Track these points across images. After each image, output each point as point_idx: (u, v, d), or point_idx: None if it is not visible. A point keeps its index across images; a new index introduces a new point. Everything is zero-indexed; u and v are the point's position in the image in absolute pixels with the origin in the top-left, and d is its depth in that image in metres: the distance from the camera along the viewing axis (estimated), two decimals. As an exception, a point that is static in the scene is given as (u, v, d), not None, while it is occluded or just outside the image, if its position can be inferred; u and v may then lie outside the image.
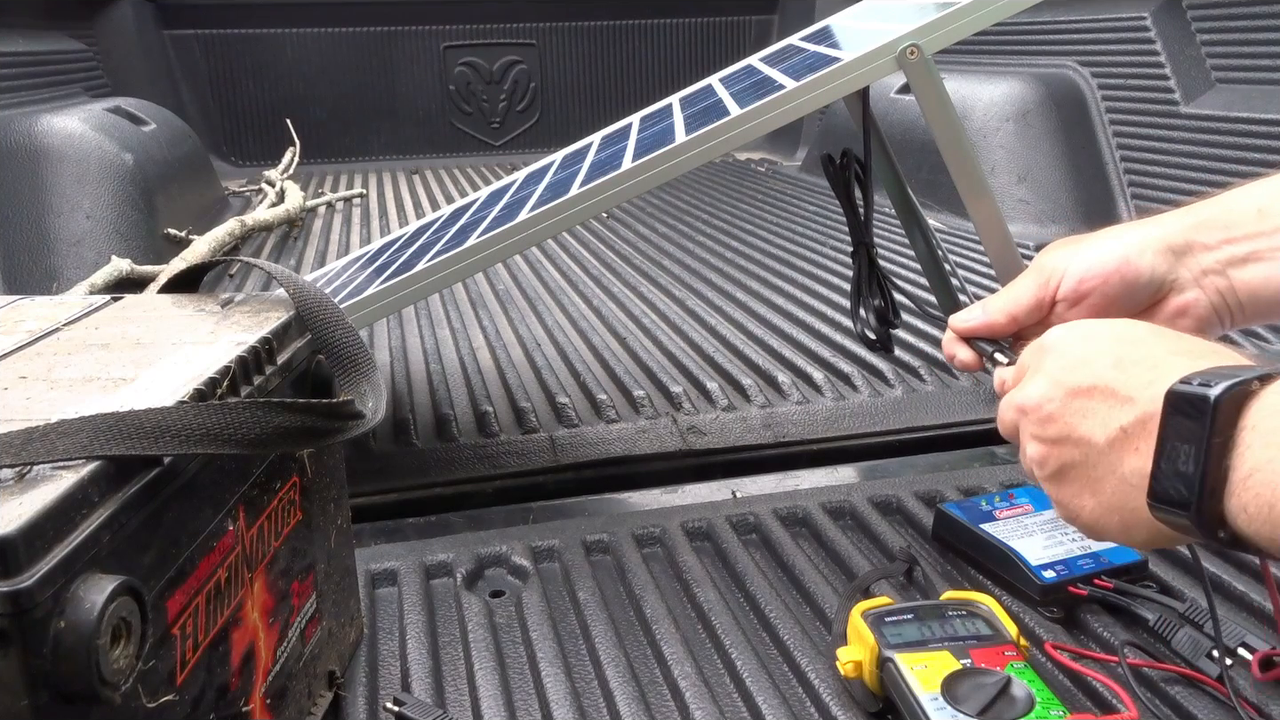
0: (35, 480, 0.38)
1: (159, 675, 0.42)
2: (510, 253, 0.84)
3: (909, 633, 0.61)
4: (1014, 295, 0.65)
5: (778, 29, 3.15)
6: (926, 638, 0.61)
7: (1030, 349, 0.57)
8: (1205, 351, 0.48)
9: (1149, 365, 0.48)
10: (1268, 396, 0.42)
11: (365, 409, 0.54)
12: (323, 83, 2.97)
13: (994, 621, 0.62)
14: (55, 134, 1.72)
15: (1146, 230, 0.62)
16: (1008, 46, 2.21)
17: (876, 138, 0.90)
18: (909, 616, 0.63)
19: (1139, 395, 0.47)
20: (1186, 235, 0.61)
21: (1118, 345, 0.50)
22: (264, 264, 0.66)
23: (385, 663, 0.69)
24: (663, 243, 1.89)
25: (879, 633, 0.61)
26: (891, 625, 0.62)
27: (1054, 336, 0.54)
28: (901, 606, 0.64)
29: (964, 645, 0.60)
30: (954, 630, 0.61)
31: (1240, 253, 0.60)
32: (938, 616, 0.63)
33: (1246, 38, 1.69)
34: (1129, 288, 0.61)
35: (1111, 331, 0.52)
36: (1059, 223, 1.83)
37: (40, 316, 0.61)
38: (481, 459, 1.00)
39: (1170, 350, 0.49)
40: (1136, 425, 0.47)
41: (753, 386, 1.13)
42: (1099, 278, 0.61)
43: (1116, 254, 0.61)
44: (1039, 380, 0.53)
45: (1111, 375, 0.49)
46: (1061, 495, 0.53)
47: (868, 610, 0.63)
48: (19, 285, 1.55)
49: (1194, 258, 0.61)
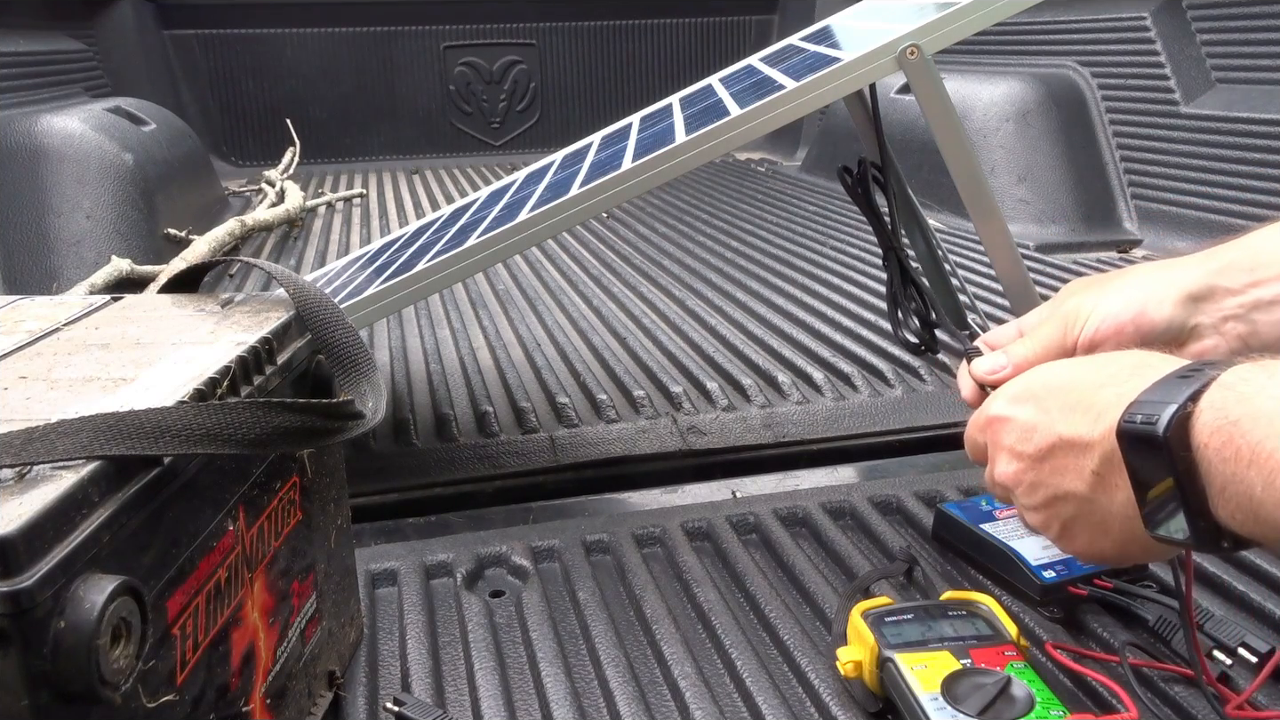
0: (35, 480, 0.38)
1: (159, 675, 0.42)
2: (510, 253, 0.84)
3: (909, 632, 0.61)
4: (1040, 343, 0.64)
5: (778, 29, 3.15)
6: (926, 638, 0.61)
7: (979, 425, 0.60)
8: (1126, 371, 0.51)
9: (1087, 406, 0.51)
10: (1204, 414, 0.45)
11: (365, 409, 0.54)
12: (323, 83, 2.97)
13: (994, 621, 0.63)
14: (55, 134, 1.72)
15: (1168, 276, 0.62)
16: (1008, 46, 2.21)
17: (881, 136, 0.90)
18: (909, 616, 0.63)
19: (1093, 437, 0.51)
20: (1209, 280, 0.61)
21: (1054, 397, 0.54)
22: (264, 264, 0.66)
23: (385, 663, 0.69)
24: (663, 243, 1.89)
25: (879, 633, 0.61)
26: (891, 625, 0.62)
27: (996, 408, 0.58)
28: (901, 606, 0.64)
29: (964, 645, 0.60)
30: (954, 630, 0.62)
31: (1266, 296, 0.59)
32: (938, 616, 0.63)
33: (1246, 38, 1.69)
34: (1143, 338, 0.61)
35: (1041, 385, 0.56)
36: (1059, 223, 1.83)
37: (40, 316, 0.61)
38: (481, 459, 1.00)
39: (1096, 382, 0.52)
40: (1105, 465, 0.50)
41: (753, 386, 1.13)
42: (1113, 329, 0.61)
43: (1135, 305, 0.61)
44: (1003, 458, 0.57)
45: (1062, 427, 0.52)
46: (1078, 547, 0.55)
47: (868, 610, 0.64)
48: (19, 285, 1.55)
49: (1216, 303, 0.60)
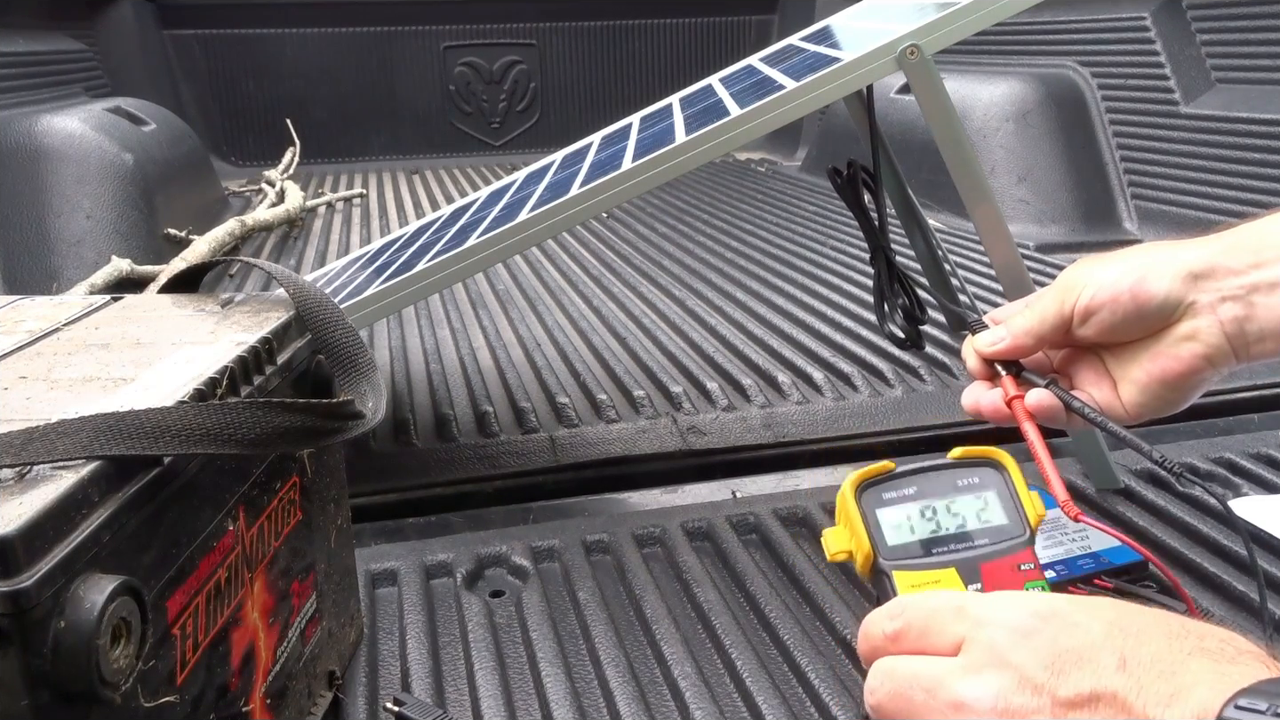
0: (35, 480, 0.38)
1: (159, 675, 0.42)
2: (510, 253, 0.84)
3: (909, 529, 0.53)
4: (1037, 314, 0.63)
5: (778, 29, 3.15)
6: (930, 538, 0.53)
7: (950, 610, 0.42)
8: (1228, 651, 0.38)
9: (1163, 670, 0.37)
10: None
11: (365, 409, 0.54)
12: (323, 83, 2.97)
13: (1010, 500, 0.55)
14: (55, 134, 1.72)
15: (1171, 252, 0.60)
16: (1008, 46, 2.21)
17: (877, 138, 0.90)
18: (910, 491, 0.55)
19: (1163, 717, 0.36)
20: (1212, 259, 0.59)
21: (1116, 635, 0.39)
22: (264, 264, 0.66)
23: (385, 663, 0.69)
24: (663, 243, 1.89)
25: (875, 530, 0.54)
26: (889, 510, 0.54)
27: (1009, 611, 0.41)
28: (903, 474, 0.56)
29: (974, 559, 0.53)
30: (963, 525, 0.54)
31: (1267, 279, 0.58)
32: (945, 492, 0.55)
33: (1246, 38, 1.69)
34: (1139, 309, 0.60)
35: (1101, 613, 0.40)
36: (1059, 223, 1.83)
37: (40, 316, 0.61)
38: (481, 459, 1.00)
39: (1182, 649, 0.38)
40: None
41: (753, 386, 1.13)
42: (1109, 296, 0.60)
43: (1133, 274, 0.59)
44: (1004, 676, 0.39)
45: (1119, 681, 0.37)
46: None
47: (864, 481, 0.55)
48: (19, 285, 1.55)
49: (1216, 281, 0.59)
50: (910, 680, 0.41)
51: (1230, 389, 1.08)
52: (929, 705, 0.40)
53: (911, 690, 0.41)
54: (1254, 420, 1.04)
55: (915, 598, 0.45)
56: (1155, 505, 0.84)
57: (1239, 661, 0.37)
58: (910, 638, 0.43)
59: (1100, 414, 0.61)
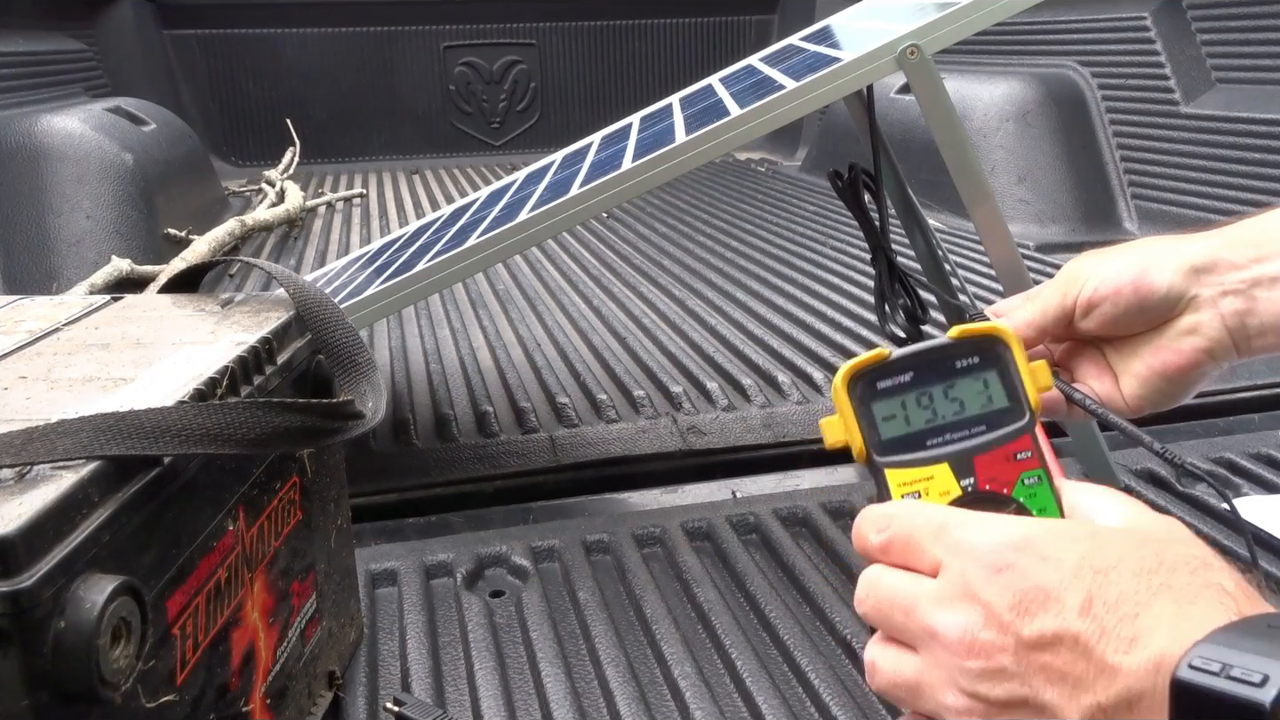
0: (35, 480, 0.38)
1: (159, 675, 0.42)
2: (510, 253, 0.84)
3: (904, 420, 0.51)
4: (1039, 307, 0.63)
5: (778, 29, 3.15)
6: (925, 429, 0.51)
7: (930, 531, 0.43)
8: (1194, 586, 0.38)
9: (1126, 612, 0.37)
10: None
11: (365, 409, 0.54)
12: (323, 83, 2.97)
13: (1013, 379, 0.52)
14: (55, 134, 1.72)
15: (1174, 247, 0.60)
16: (1008, 46, 2.21)
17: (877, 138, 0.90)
18: (906, 379, 0.52)
19: (1121, 664, 0.36)
20: (1213, 253, 0.59)
21: (1085, 573, 0.38)
22: (264, 264, 0.66)
23: (385, 663, 0.69)
24: (663, 243, 1.89)
25: (866, 424, 0.51)
26: (884, 403, 0.51)
27: (983, 540, 0.41)
28: (898, 360, 0.52)
29: (968, 450, 0.50)
30: (960, 413, 0.51)
31: (1269, 273, 0.58)
32: (942, 378, 0.52)
33: (1246, 38, 1.69)
34: (1141, 302, 0.60)
35: (1075, 545, 0.40)
36: (1059, 223, 1.83)
37: (40, 316, 0.61)
38: (481, 459, 1.00)
39: (1149, 586, 0.37)
40: (1120, 708, 0.36)
41: (753, 386, 1.13)
42: (1111, 289, 0.60)
43: (1135, 268, 0.60)
44: (972, 610, 0.40)
45: (1081, 624, 0.37)
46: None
47: (858, 372, 0.52)
48: (19, 285, 1.55)
49: (1218, 276, 0.59)
50: (890, 599, 0.43)
51: (1230, 389, 1.08)
52: (906, 627, 0.42)
53: (891, 609, 0.43)
54: (1254, 420, 1.04)
55: (902, 511, 0.46)
56: (1155, 505, 0.84)
57: (1200, 600, 0.37)
58: (894, 551, 0.45)
59: (1102, 406, 0.61)
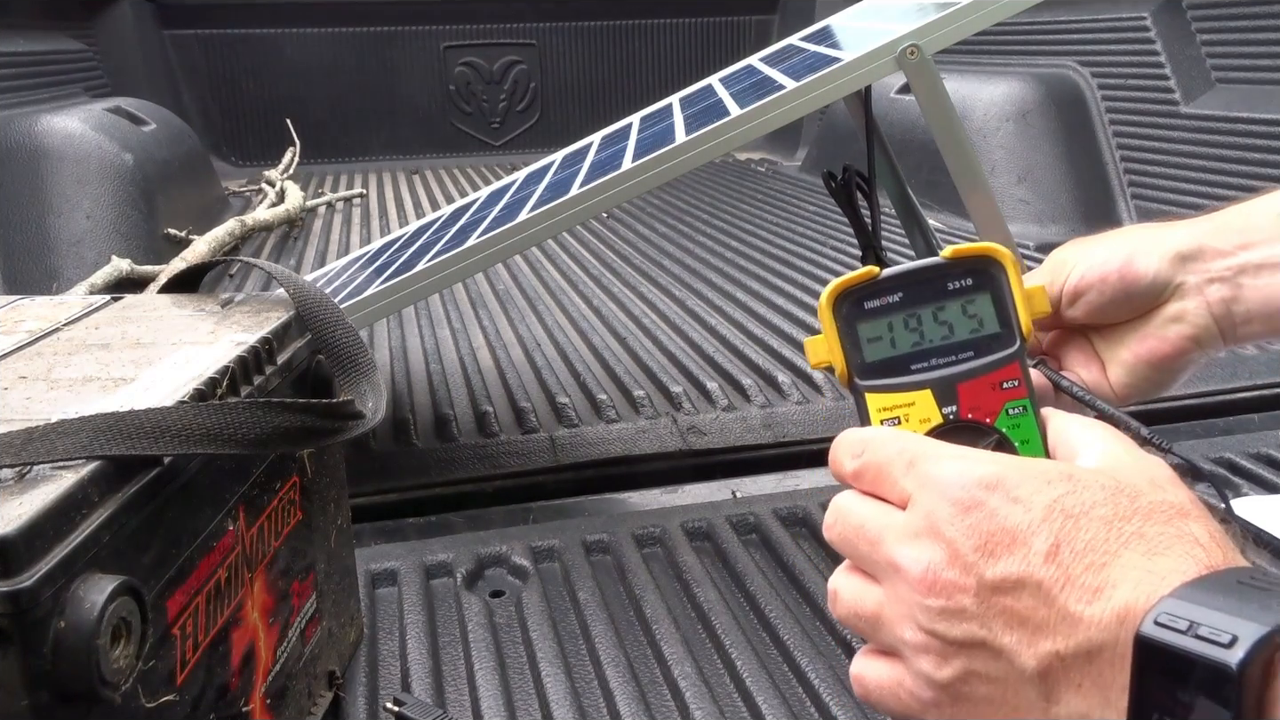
0: (35, 480, 0.38)
1: (159, 675, 0.42)
2: (510, 253, 0.84)
3: (889, 343, 0.49)
4: None
5: (778, 29, 3.15)
6: (910, 352, 0.49)
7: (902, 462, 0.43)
8: (1166, 536, 0.37)
9: (1093, 561, 0.36)
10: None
11: (365, 409, 0.54)
12: (323, 83, 2.97)
13: (1006, 303, 0.50)
14: (55, 134, 1.72)
15: (1160, 234, 0.61)
16: (1008, 46, 2.21)
17: (876, 138, 0.90)
18: (895, 300, 0.49)
19: (1083, 614, 0.35)
20: (1199, 240, 0.59)
21: (1055, 517, 0.38)
22: (264, 264, 0.66)
23: (385, 663, 0.69)
24: (663, 243, 1.89)
25: (850, 345, 0.49)
26: (870, 323, 0.49)
27: (953, 477, 0.40)
28: (888, 279, 0.50)
29: (952, 377, 0.48)
30: (948, 337, 0.49)
31: (1254, 260, 0.58)
32: (932, 299, 0.49)
33: (1246, 38, 1.69)
34: (1127, 290, 0.60)
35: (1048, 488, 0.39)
36: (1059, 223, 1.83)
37: (40, 316, 0.61)
38: (481, 459, 1.00)
39: (1119, 535, 0.37)
40: (1079, 658, 0.35)
41: (753, 386, 1.13)
42: (1097, 276, 0.61)
43: (1121, 255, 0.60)
44: (936, 548, 0.39)
45: (1045, 571, 0.36)
46: (956, 714, 0.39)
47: (845, 291, 0.49)
48: (19, 285, 1.55)
49: (1204, 263, 0.59)
50: (858, 528, 0.44)
51: (1230, 389, 1.08)
52: (871, 558, 0.43)
53: (858, 539, 0.44)
54: (1254, 420, 1.03)
55: (877, 438, 0.46)
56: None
57: (1171, 551, 0.36)
58: (866, 479, 0.45)
59: (1089, 393, 0.61)
